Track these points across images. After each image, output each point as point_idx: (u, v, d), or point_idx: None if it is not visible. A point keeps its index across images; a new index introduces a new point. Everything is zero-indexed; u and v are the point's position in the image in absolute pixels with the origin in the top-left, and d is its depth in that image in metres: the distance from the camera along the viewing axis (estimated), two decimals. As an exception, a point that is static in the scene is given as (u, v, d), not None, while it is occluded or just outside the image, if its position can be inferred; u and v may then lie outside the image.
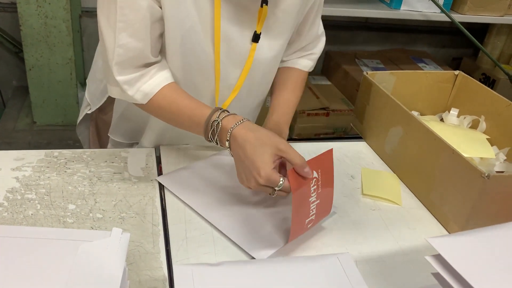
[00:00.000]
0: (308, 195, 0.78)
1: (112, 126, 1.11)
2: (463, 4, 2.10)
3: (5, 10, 2.27)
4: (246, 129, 0.79)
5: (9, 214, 0.82)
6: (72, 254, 0.56)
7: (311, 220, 0.82)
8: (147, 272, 0.74)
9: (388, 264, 0.82)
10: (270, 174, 0.74)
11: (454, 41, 2.95)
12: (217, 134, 0.81)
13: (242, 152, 0.77)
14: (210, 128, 0.82)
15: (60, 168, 0.95)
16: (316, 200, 0.80)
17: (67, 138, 2.22)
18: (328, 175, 0.81)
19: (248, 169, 0.77)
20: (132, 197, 0.90)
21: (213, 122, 0.81)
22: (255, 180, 0.76)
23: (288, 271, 0.68)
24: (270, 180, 0.75)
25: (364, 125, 1.21)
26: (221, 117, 0.81)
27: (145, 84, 0.86)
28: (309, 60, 1.09)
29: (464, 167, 0.86)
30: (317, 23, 1.06)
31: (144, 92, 0.87)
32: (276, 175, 0.75)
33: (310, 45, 1.08)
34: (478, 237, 0.62)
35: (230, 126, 0.79)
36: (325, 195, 0.82)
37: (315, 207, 0.80)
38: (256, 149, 0.76)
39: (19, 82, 2.46)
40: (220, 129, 0.81)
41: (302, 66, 1.09)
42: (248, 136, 0.77)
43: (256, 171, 0.75)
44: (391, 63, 2.56)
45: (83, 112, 1.13)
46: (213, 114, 0.82)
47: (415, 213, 0.97)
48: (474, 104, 1.19)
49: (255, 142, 0.77)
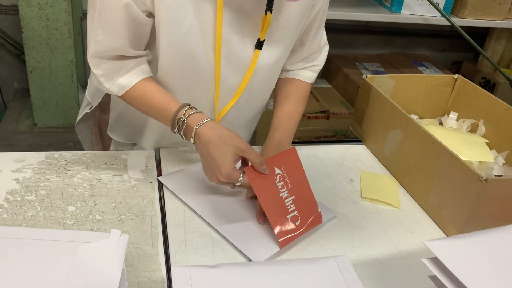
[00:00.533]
0: (275, 191, 0.85)
1: (110, 124, 1.12)
2: (463, 8, 2.10)
3: (7, 12, 2.28)
4: (209, 128, 0.83)
5: (9, 216, 0.82)
6: (70, 255, 0.56)
7: (296, 217, 0.85)
8: (145, 274, 0.74)
9: (386, 267, 0.82)
10: (230, 172, 0.81)
11: (454, 45, 2.96)
12: (183, 131, 0.86)
13: (205, 150, 0.83)
14: (176, 124, 0.86)
15: (60, 170, 0.95)
16: (290, 196, 0.86)
17: (67, 140, 2.22)
18: (296, 172, 0.88)
19: (211, 166, 0.82)
20: (132, 199, 0.90)
21: (179, 119, 0.86)
22: (216, 177, 0.82)
23: (286, 274, 0.68)
24: (231, 177, 0.81)
25: (363, 128, 1.21)
26: (187, 114, 0.85)
27: (121, 77, 0.90)
28: (311, 72, 1.09)
29: (463, 170, 0.86)
30: (320, 33, 1.06)
31: (120, 85, 0.90)
32: (236, 173, 0.82)
33: (313, 55, 1.08)
34: (475, 240, 0.62)
35: (195, 125, 0.84)
36: (300, 191, 0.88)
37: (292, 202, 0.86)
38: (218, 149, 0.81)
39: (20, 84, 2.47)
40: (185, 127, 0.85)
41: (305, 78, 1.09)
42: (211, 136, 0.82)
43: (218, 170, 0.81)
44: (391, 66, 2.56)
45: (83, 111, 1.14)
46: (180, 110, 0.86)
47: (414, 216, 0.97)
48: (473, 108, 1.19)
49: (217, 142, 0.82)
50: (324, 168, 1.09)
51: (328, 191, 1.00)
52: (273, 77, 1.04)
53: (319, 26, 1.03)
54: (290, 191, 0.86)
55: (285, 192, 0.86)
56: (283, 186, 0.86)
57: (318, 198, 0.97)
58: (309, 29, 1.01)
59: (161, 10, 0.84)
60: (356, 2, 2.13)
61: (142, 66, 0.92)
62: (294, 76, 1.08)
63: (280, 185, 0.86)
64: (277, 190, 0.85)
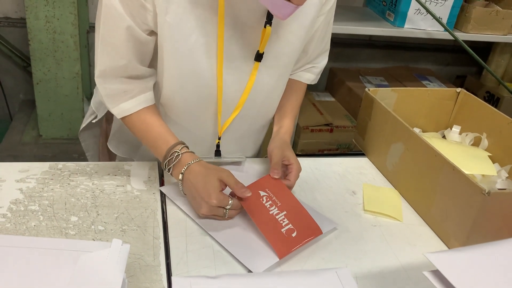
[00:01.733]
0: (265, 210, 0.89)
1: (110, 137, 1.13)
2: (466, 23, 2.11)
3: (15, 25, 2.31)
4: (200, 165, 0.89)
5: (12, 225, 0.83)
6: (72, 264, 0.56)
7: (291, 230, 0.86)
8: (146, 285, 0.74)
9: (388, 280, 0.82)
10: (219, 196, 0.85)
11: (458, 59, 2.97)
12: (173, 164, 0.90)
13: (195, 182, 0.87)
14: (169, 156, 0.90)
15: (63, 180, 0.96)
16: (280, 212, 0.89)
17: (72, 152, 2.23)
18: (282, 191, 0.93)
19: (200, 196, 0.86)
20: (134, 210, 0.90)
21: (173, 152, 0.90)
22: (206, 204, 0.85)
23: (286, 285, 0.68)
24: (221, 200, 0.85)
25: (366, 141, 1.21)
26: (182, 151, 0.90)
27: (124, 102, 0.93)
28: (311, 74, 1.11)
29: (465, 183, 0.86)
30: (325, 42, 1.07)
31: (122, 109, 0.93)
32: (224, 196, 0.86)
33: (315, 60, 1.10)
34: (477, 253, 0.62)
35: (189, 161, 0.89)
36: (290, 207, 0.91)
37: (285, 217, 0.89)
38: (206, 179, 0.86)
39: (26, 96, 2.49)
40: (178, 161, 0.90)
41: (304, 79, 1.11)
42: (200, 170, 0.88)
43: (208, 196, 0.84)
44: (395, 80, 2.57)
45: (87, 120, 1.15)
46: (176, 146, 0.91)
47: (416, 229, 0.97)
48: (476, 121, 1.19)
49: (205, 173, 0.88)
50: (326, 180, 1.09)
51: (330, 204, 1.00)
52: (277, 91, 1.04)
53: (323, 36, 1.04)
54: (280, 208, 0.90)
55: (275, 210, 0.90)
56: (272, 205, 0.90)
57: (320, 210, 0.97)
58: (312, 39, 1.02)
59: (164, 28, 0.86)
60: (360, 17, 2.14)
61: (147, 93, 0.95)
62: (294, 77, 1.11)
63: (268, 205, 0.90)
64: (266, 209, 0.89)
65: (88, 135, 1.23)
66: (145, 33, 0.87)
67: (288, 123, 1.07)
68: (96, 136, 1.26)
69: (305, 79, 1.11)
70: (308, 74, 1.11)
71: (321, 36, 1.03)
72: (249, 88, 0.97)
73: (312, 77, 1.12)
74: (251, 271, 0.79)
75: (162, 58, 0.91)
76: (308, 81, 1.12)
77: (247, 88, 0.97)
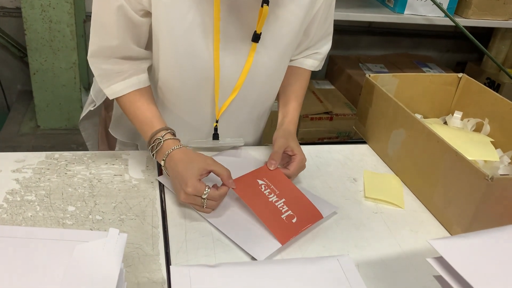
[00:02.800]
0: (264, 197, 0.89)
1: (112, 122, 1.12)
2: (467, 9, 2.09)
3: (10, 15, 2.28)
4: (181, 152, 0.88)
5: (8, 216, 0.81)
6: (68, 254, 0.55)
7: (291, 216, 0.86)
8: (145, 275, 0.73)
9: (390, 268, 0.81)
10: (196, 183, 0.82)
11: (458, 46, 2.94)
12: (156, 151, 0.89)
13: (175, 169, 0.85)
14: (152, 143, 0.90)
15: (60, 170, 0.94)
16: (279, 199, 0.89)
17: (70, 142, 2.22)
18: (280, 179, 0.93)
19: (178, 183, 0.84)
20: (132, 199, 0.89)
21: (156, 139, 0.89)
22: (183, 191, 0.83)
23: (287, 273, 0.67)
24: (196, 188, 0.82)
25: (367, 127, 1.20)
26: (165, 138, 0.89)
27: (116, 83, 0.92)
28: (314, 60, 1.09)
29: (467, 169, 0.85)
30: (327, 25, 1.04)
31: (114, 90, 0.93)
32: (201, 185, 0.83)
33: (317, 44, 1.08)
34: (481, 239, 0.60)
35: (170, 148, 0.88)
36: (289, 194, 0.91)
37: (284, 204, 0.88)
38: (186, 166, 0.85)
39: (24, 87, 2.47)
40: (160, 148, 0.89)
41: (308, 66, 1.09)
42: (182, 157, 0.87)
43: (184, 183, 0.83)
44: (395, 67, 2.55)
45: (87, 109, 1.14)
46: (159, 132, 0.90)
47: (418, 216, 0.96)
48: (478, 106, 1.18)
49: (186, 161, 0.86)
50: (327, 168, 1.07)
51: (331, 191, 0.99)
52: (276, 74, 1.02)
53: (325, 18, 1.02)
54: (279, 195, 0.90)
55: (273, 197, 0.89)
56: (270, 193, 0.90)
57: (321, 197, 0.96)
58: (313, 22, 1.00)
59: (159, 8, 0.84)
60: (359, 3, 2.12)
61: (140, 76, 0.94)
62: (295, 64, 1.09)
63: (267, 192, 0.90)
64: (265, 197, 0.89)
65: (88, 124, 1.22)
66: (139, 14, 0.86)
67: (293, 112, 1.05)
68: (96, 125, 1.24)
69: (309, 66, 1.09)
70: (311, 61, 1.09)
71: (323, 18, 1.01)
72: (247, 69, 0.95)
73: (315, 64, 1.10)
74: (254, 258, 0.78)
75: (157, 39, 0.89)
76: (312, 67, 1.10)
77: (244, 70, 0.95)
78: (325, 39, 1.08)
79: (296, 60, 1.09)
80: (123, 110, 0.96)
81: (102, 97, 1.09)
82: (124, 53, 0.90)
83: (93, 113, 1.16)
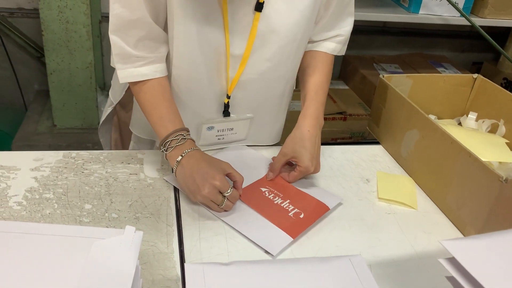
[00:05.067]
0: (269, 201, 0.92)
1: (132, 119, 1.12)
2: (483, 8, 2.07)
3: (28, 16, 2.32)
4: (201, 153, 0.90)
5: (27, 213, 0.83)
6: (85, 251, 0.56)
7: (298, 212, 0.89)
8: (160, 272, 0.75)
9: (402, 268, 0.81)
10: (223, 179, 0.85)
11: (474, 45, 2.91)
12: (176, 145, 0.89)
13: (196, 164, 0.86)
14: (173, 137, 0.89)
15: (77, 169, 0.96)
16: (284, 201, 0.92)
17: (86, 141, 2.25)
18: (282, 184, 0.97)
19: (202, 177, 0.85)
20: (147, 197, 0.91)
21: (179, 135, 0.89)
22: (210, 184, 0.84)
23: (299, 272, 0.68)
24: (223, 183, 0.84)
25: (380, 128, 1.20)
26: (187, 137, 0.90)
27: (136, 68, 0.91)
28: (336, 43, 1.06)
29: (481, 170, 0.84)
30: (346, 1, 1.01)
31: (132, 74, 0.92)
32: (228, 182, 0.85)
33: (337, 24, 1.04)
34: (493, 240, 0.60)
35: (191, 147, 0.89)
36: (293, 195, 0.94)
37: (289, 204, 0.92)
38: (210, 163, 0.87)
39: (41, 86, 2.51)
40: (182, 144, 0.89)
41: (329, 50, 1.05)
42: (204, 156, 0.89)
43: (211, 177, 0.84)
44: (409, 67, 2.53)
45: (106, 112, 1.15)
46: (183, 130, 0.90)
47: (431, 217, 0.95)
48: (493, 107, 1.17)
49: (208, 159, 0.88)
50: (340, 168, 1.08)
51: (344, 192, 1.00)
52: (290, 45, 0.96)
53: None
54: (283, 198, 0.93)
55: (278, 200, 0.93)
56: (275, 197, 0.93)
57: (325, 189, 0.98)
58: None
59: None
60: (373, 2, 2.11)
61: (160, 64, 0.93)
62: (317, 48, 1.06)
63: (271, 197, 0.93)
64: (270, 200, 0.92)
65: (106, 131, 1.23)
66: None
67: (311, 107, 1.00)
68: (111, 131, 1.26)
69: (331, 50, 1.05)
70: (333, 44, 1.05)
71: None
72: (252, 40, 0.92)
73: (338, 47, 1.06)
74: (268, 252, 0.80)
75: (172, 10, 0.88)
76: (334, 51, 1.06)
77: (249, 41, 0.92)
78: (346, 20, 1.05)
79: (316, 43, 1.06)
80: (137, 96, 0.94)
81: (120, 95, 1.09)
82: (146, 33, 0.89)
83: (109, 119, 1.17)
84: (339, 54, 1.08)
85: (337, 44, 1.06)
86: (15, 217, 0.82)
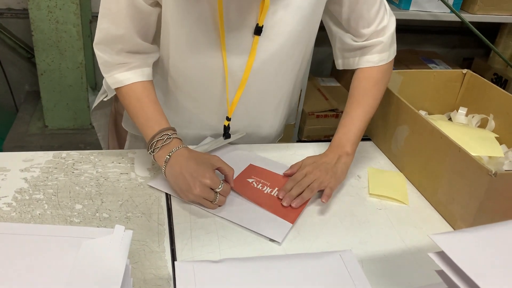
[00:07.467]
0: (259, 191, 0.94)
1: (124, 115, 1.12)
2: (473, 4, 2.08)
3: (18, 16, 2.31)
4: (189, 150, 0.90)
5: (17, 214, 0.83)
6: (75, 251, 0.56)
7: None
8: (152, 271, 0.75)
9: (394, 264, 0.82)
10: (213, 176, 0.85)
11: (464, 41, 2.93)
12: (162, 145, 0.89)
13: (185, 163, 0.86)
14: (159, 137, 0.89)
15: (67, 169, 0.96)
16: (273, 189, 0.95)
17: (78, 142, 2.24)
18: (266, 174, 0.99)
19: (192, 176, 0.84)
20: (138, 197, 0.90)
21: (165, 134, 0.89)
22: (199, 184, 0.84)
23: (290, 268, 0.68)
24: (213, 180, 0.84)
25: (371, 124, 1.20)
26: (173, 136, 0.90)
27: (120, 73, 0.92)
28: (379, 54, 1.01)
29: (471, 165, 0.85)
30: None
31: (117, 80, 0.93)
32: (217, 178, 0.86)
33: (375, 33, 1.00)
34: (482, 234, 0.61)
35: (177, 145, 0.89)
36: (280, 183, 0.96)
37: (278, 192, 0.94)
38: (199, 160, 0.87)
39: (32, 87, 2.49)
40: (167, 144, 0.89)
41: (373, 63, 1.01)
42: (192, 154, 0.89)
43: (201, 175, 0.84)
44: (400, 64, 2.54)
45: (99, 99, 1.14)
46: (168, 130, 0.90)
47: (422, 212, 0.96)
48: (483, 102, 1.18)
49: (196, 157, 0.88)
50: (331, 165, 1.08)
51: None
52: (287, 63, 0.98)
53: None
54: (271, 186, 0.96)
55: (267, 189, 0.95)
56: (263, 186, 0.95)
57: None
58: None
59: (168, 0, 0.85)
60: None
61: (145, 69, 0.94)
62: (362, 64, 1.03)
63: (259, 187, 0.95)
64: (260, 191, 0.94)
65: (100, 115, 1.23)
66: (148, 2, 0.87)
67: (344, 129, 1.02)
68: (107, 117, 1.25)
69: (376, 62, 1.00)
70: (375, 57, 1.00)
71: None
72: (251, 63, 0.93)
73: (384, 56, 1.00)
74: (274, 240, 0.82)
75: (167, 28, 0.89)
76: (382, 61, 1.01)
77: (248, 63, 0.94)
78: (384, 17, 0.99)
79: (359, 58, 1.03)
80: (123, 101, 0.95)
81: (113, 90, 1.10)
82: (130, 47, 0.91)
83: (105, 104, 1.17)
84: (389, 60, 1.03)
85: (380, 54, 1.01)
86: (4, 218, 0.82)
